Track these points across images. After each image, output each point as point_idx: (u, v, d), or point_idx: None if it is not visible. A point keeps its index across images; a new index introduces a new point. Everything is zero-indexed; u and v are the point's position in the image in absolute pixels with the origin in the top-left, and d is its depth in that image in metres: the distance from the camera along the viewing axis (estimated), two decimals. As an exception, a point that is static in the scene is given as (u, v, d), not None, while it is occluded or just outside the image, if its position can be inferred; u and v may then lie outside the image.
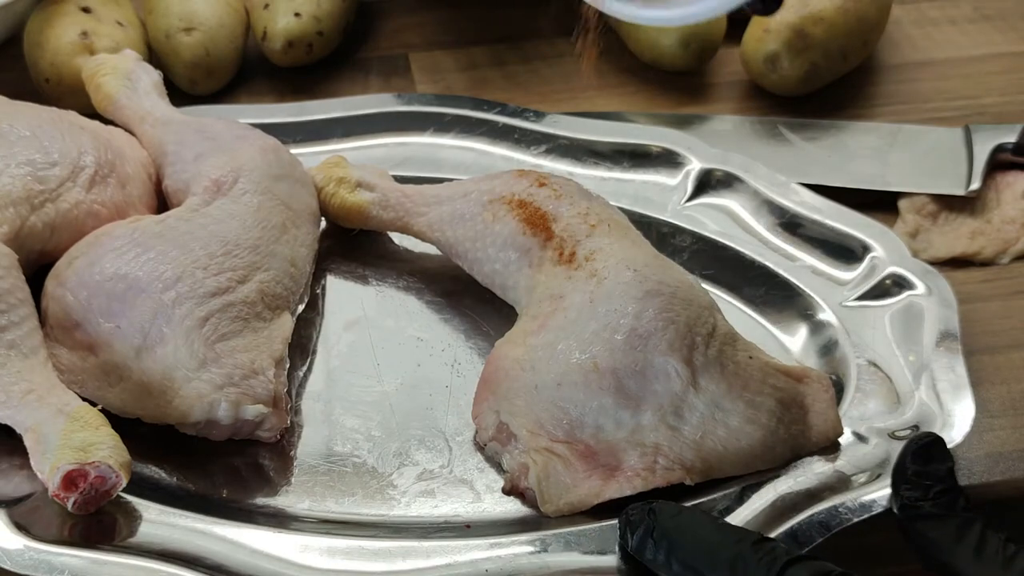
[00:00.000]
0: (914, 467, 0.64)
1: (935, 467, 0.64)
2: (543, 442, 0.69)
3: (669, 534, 0.62)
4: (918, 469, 0.64)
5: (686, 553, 0.61)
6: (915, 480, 0.64)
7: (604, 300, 0.72)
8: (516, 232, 0.77)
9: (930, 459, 0.65)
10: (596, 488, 0.68)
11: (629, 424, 0.69)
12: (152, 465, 0.71)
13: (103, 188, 0.79)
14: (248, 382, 0.70)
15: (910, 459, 0.65)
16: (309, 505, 0.70)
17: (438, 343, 0.79)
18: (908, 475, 0.64)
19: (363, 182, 0.84)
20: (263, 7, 0.98)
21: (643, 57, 1.01)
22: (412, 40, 1.05)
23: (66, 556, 0.64)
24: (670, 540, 0.62)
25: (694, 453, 0.69)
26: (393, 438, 0.73)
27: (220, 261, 0.74)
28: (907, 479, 0.64)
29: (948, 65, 1.03)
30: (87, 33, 0.93)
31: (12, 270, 0.70)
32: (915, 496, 0.63)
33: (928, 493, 0.63)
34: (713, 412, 0.70)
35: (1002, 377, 0.79)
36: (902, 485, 0.64)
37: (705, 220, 0.86)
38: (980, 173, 0.91)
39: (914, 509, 0.63)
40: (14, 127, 0.78)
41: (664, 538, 0.62)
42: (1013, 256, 0.88)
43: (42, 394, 0.67)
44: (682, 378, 0.70)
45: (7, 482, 0.68)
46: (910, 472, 0.64)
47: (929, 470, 0.64)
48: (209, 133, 0.83)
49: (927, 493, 0.63)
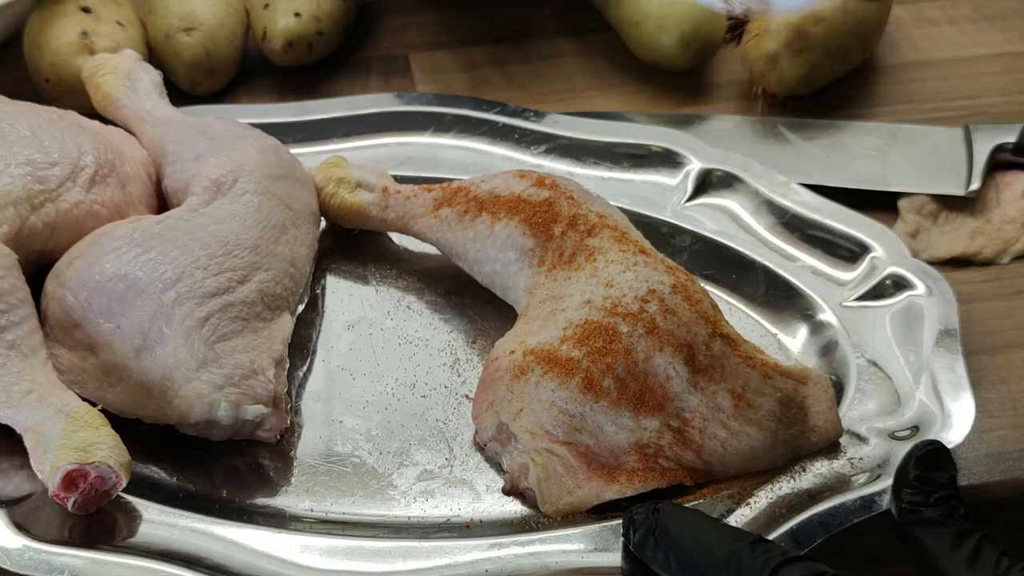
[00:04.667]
0: (916, 472, 0.64)
1: (938, 474, 0.64)
2: (543, 443, 0.69)
3: (669, 533, 0.62)
4: (920, 474, 0.64)
5: (685, 552, 0.62)
6: (916, 485, 0.64)
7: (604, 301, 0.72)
8: (516, 232, 0.77)
9: (933, 466, 0.65)
10: (596, 489, 0.68)
11: (629, 425, 0.69)
12: (152, 465, 0.71)
13: (103, 188, 0.79)
14: (248, 382, 0.70)
15: (913, 464, 0.65)
16: (309, 505, 0.70)
17: (438, 343, 0.79)
18: (910, 479, 0.64)
19: (363, 182, 0.84)
20: (263, 7, 0.98)
21: (643, 57, 1.01)
22: (412, 40, 1.05)
23: (66, 556, 0.64)
24: (670, 539, 0.62)
25: (694, 454, 0.69)
26: (393, 438, 0.73)
27: (220, 261, 0.74)
28: (908, 483, 0.64)
29: (948, 65, 1.03)
30: (87, 33, 0.93)
31: (12, 270, 0.70)
32: (916, 501, 0.63)
33: (928, 499, 0.63)
34: (714, 413, 0.70)
35: (1002, 377, 0.79)
36: (903, 489, 0.64)
37: (705, 220, 0.86)
38: (980, 173, 0.91)
39: (913, 514, 0.63)
40: (14, 127, 0.78)
41: (665, 537, 0.62)
42: (1013, 256, 0.88)
43: (42, 394, 0.67)
44: (682, 378, 0.70)
45: (7, 482, 0.68)
46: (912, 476, 0.64)
47: (932, 476, 0.64)
48: (209, 133, 0.83)
49: (928, 499, 0.63)
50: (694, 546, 0.61)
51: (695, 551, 0.61)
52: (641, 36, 1.00)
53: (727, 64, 1.02)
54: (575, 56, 1.04)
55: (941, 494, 0.63)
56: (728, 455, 0.70)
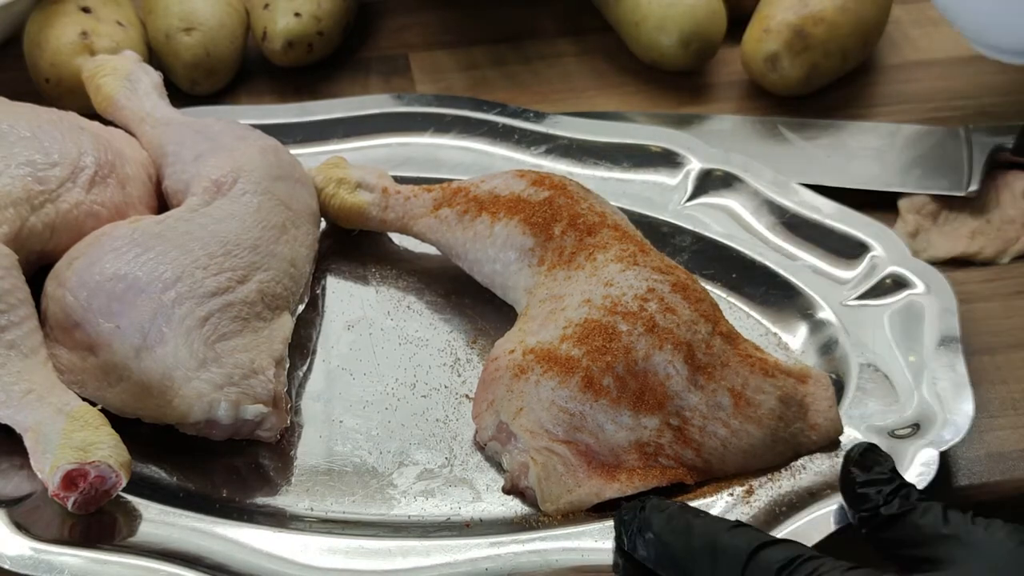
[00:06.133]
0: (860, 476, 0.65)
1: (878, 470, 0.65)
2: (543, 441, 0.69)
3: (653, 528, 0.63)
4: (864, 478, 0.65)
5: (666, 545, 0.62)
6: (865, 488, 0.64)
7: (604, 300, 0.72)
8: (516, 232, 0.77)
9: (871, 464, 0.65)
10: (597, 487, 0.68)
11: (629, 423, 0.69)
12: (152, 465, 0.71)
13: (103, 189, 0.79)
14: (248, 382, 0.70)
15: (854, 468, 0.65)
16: (309, 504, 0.70)
17: (438, 343, 0.79)
18: (856, 486, 0.65)
19: (363, 183, 0.84)
20: (263, 7, 0.98)
21: (643, 57, 1.01)
22: (412, 40, 1.05)
23: (66, 556, 0.64)
24: (654, 534, 0.63)
25: (695, 452, 0.69)
26: (393, 438, 0.73)
27: (220, 261, 0.74)
28: (855, 492, 0.65)
29: (948, 65, 1.03)
30: (87, 33, 0.93)
31: (12, 270, 0.71)
32: (871, 504, 0.64)
33: (881, 497, 0.63)
34: (714, 411, 0.70)
35: (1002, 377, 0.79)
36: (855, 499, 0.65)
37: (705, 220, 0.86)
38: (980, 173, 0.91)
39: (874, 518, 0.63)
40: (14, 127, 0.78)
41: (649, 532, 0.63)
42: (1013, 256, 0.88)
43: (42, 394, 0.67)
44: (682, 377, 0.70)
45: (7, 482, 0.68)
46: (858, 482, 0.65)
47: (873, 476, 0.64)
48: (209, 134, 0.83)
49: (880, 497, 0.63)
50: (673, 538, 0.62)
51: (674, 543, 0.62)
52: (641, 36, 1.00)
53: (727, 64, 1.02)
54: (575, 56, 1.04)
55: (890, 488, 0.64)
56: (728, 453, 0.70)
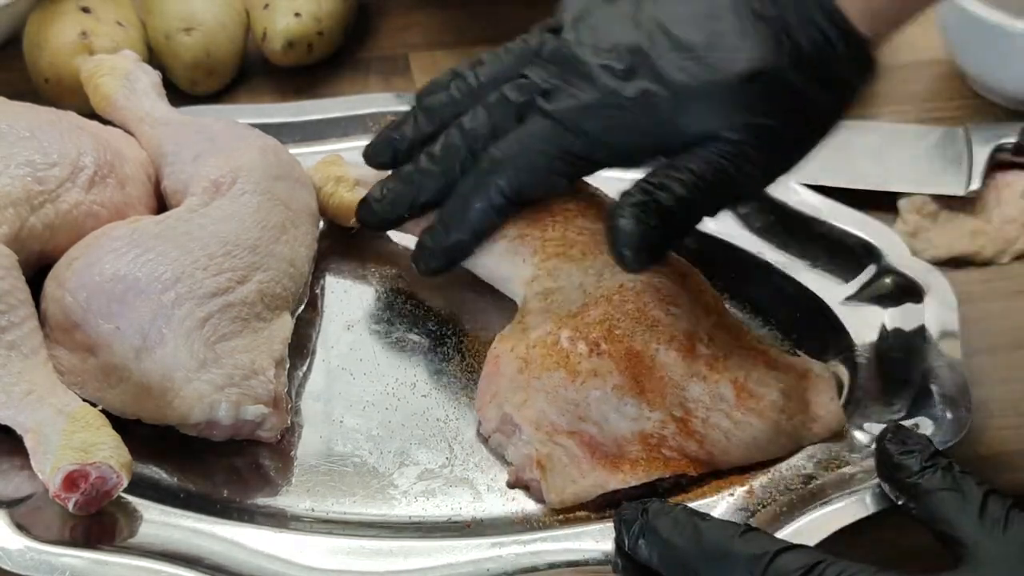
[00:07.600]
0: (896, 449, 0.65)
1: (912, 442, 0.65)
2: (547, 433, 0.69)
3: (659, 532, 0.62)
4: (901, 450, 0.65)
5: (675, 549, 0.62)
6: (902, 459, 0.64)
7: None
8: (515, 226, 0.77)
9: (905, 439, 0.65)
10: (601, 478, 0.68)
11: (633, 414, 0.69)
12: (152, 465, 0.71)
13: (102, 189, 0.78)
14: (248, 382, 0.70)
15: (889, 444, 0.65)
16: (310, 505, 0.70)
17: (438, 342, 0.79)
18: (894, 459, 0.65)
19: (361, 180, 0.84)
20: (263, 7, 0.98)
21: (643, 57, 1.01)
22: (412, 40, 1.05)
23: (67, 556, 0.64)
24: (660, 538, 0.62)
25: (697, 443, 0.69)
26: (393, 437, 0.73)
27: (219, 262, 0.74)
28: (893, 463, 0.65)
29: (948, 65, 1.03)
30: (87, 33, 0.93)
31: (12, 271, 0.70)
32: (910, 472, 0.64)
33: (918, 464, 0.64)
34: (716, 402, 0.70)
35: (1002, 377, 0.79)
36: (892, 470, 0.65)
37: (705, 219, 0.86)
38: (980, 173, 0.91)
39: (914, 488, 0.63)
40: (13, 127, 0.78)
41: (654, 536, 0.63)
42: (1013, 256, 0.88)
43: (43, 395, 0.67)
44: (685, 368, 0.70)
45: (8, 483, 0.68)
46: (895, 456, 0.65)
47: (910, 446, 0.65)
48: (208, 133, 0.83)
49: (918, 464, 0.64)
50: (684, 542, 0.62)
51: (686, 547, 0.61)
52: (641, 36, 1.00)
53: (727, 64, 1.02)
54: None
55: (928, 452, 0.64)
56: (731, 445, 0.70)
